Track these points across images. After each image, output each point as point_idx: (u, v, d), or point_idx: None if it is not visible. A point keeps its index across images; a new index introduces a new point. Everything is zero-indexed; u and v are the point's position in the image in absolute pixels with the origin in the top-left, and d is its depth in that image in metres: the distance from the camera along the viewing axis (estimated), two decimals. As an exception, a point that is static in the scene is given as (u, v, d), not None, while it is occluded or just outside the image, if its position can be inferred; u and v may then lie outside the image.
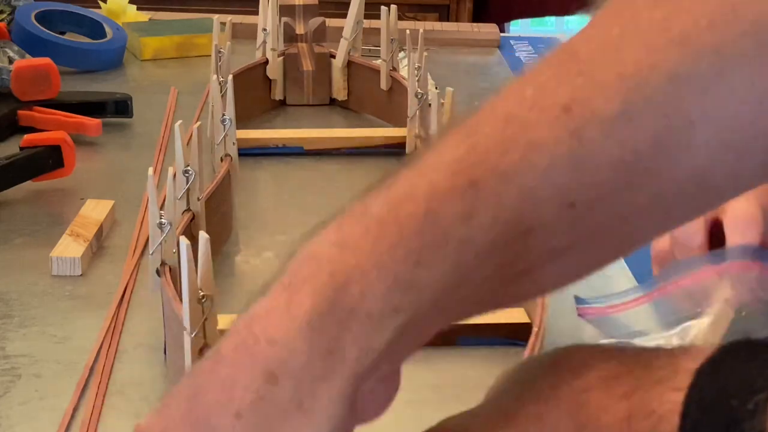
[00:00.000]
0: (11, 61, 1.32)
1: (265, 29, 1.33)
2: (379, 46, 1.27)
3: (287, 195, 1.12)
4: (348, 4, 1.32)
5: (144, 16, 1.69)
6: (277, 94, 1.34)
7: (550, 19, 3.59)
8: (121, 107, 1.28)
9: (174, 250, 0.77)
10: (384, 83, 1.26)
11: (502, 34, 1.71)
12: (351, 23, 1.32)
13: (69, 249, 0.93)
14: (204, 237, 0.67)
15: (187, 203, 0.85)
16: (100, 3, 1.66)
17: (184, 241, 0.67)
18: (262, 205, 1.10)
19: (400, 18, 1.31)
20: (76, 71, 1.45)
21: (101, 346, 0.81)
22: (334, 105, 1.35)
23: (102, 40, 1.50)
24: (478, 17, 2.48)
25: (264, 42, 1.33)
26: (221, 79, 1.06)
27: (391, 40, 1.25)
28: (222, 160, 1.02)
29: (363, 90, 1.32)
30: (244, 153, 1.09)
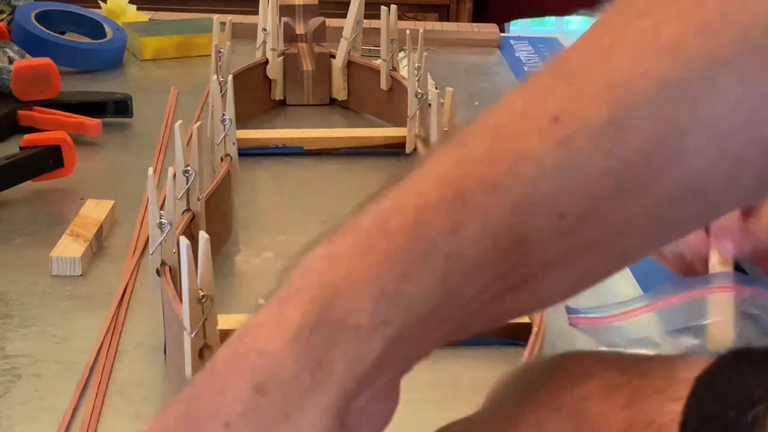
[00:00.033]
0: (11, 61, 1.32)
1: (265, 29, 1.33)
2: (379, 46, 1.27)
3: (287, 195, 1.12)
4: (348, 4, 1.32)
5: (144, 16, 1.69)
6: (277, 94, 1.34)
7: (550, 19, 3.59)
8: (121, 107, 1.28)
9: (174, 250, 0.77)
10: (384, 83, 1.26)
11: (502, 34, 1.71)
12: (351, 23, 1.32)
13: (69, 249, 0.93)
14: (204, 237, 0.67)
15: (187, 203, 0.85)
16: (100, 3, 1.66)
17: (184, 241, 0.67)
18: (262, 205, 1.10)
19: (400, 18, 1.31)
20: (76, 71, 1.45)
21: (101, 346, 0.81)
22: (334, 105, 1.35)
23: (102, 40, 1.50)
24: (478, 17, 2.48)
25: (264, 42, 1.33)
26: (221, 79, 1.06)
27: (391, 40, 1.25)
28: (222, 160, 1.02)
29: (363, 90, 1.32)
30: (244, 153, 1.09)
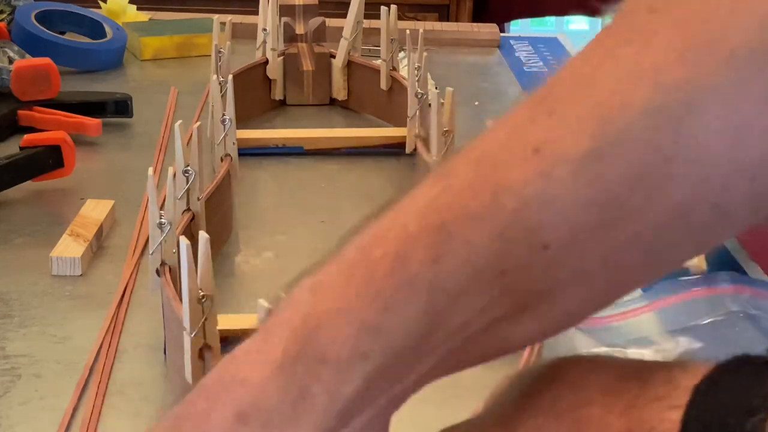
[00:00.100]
0: (11, 61, 1.32)
1: (265, 29, 1.33)
2: (379, 46, 1.27)
3: (287, 195, 1.12)
4: (348, 4, 1.32)
5: (144, 16, 1.69)
6: (277, 94, 1.34)
7: (550, 19, 3.59)
8: (121, 107, 1.28)
9: (174, 250, 0.77)
10: (384, 83, 1.26)
11: (502, 34, 1.71)
12: (351, 23, 1.32)
13: (69, 249, 0.93)
14: (204, 237, 0.67)
15: (187, 203, 0.85)
16: (100, 3, 1.66)
17: (184, 241, 0.67)
18: (262, 205, 1.10)
19: (400, 18, 1.31)
20: (76, 71, 1.45)
21: (101, 346, 0.81)
22: (334, 105, 1.35)
23: (102, 40, 1.50)
24: (478, 17, 2.48)
25: (264, 42, 1.33)
26: (221, 79, 1.06)
27: (391, 40, 1.25)
28: (222, 160, 1.02)
29: (363, 90, 1.32)
30: (244, 153, 1.09)
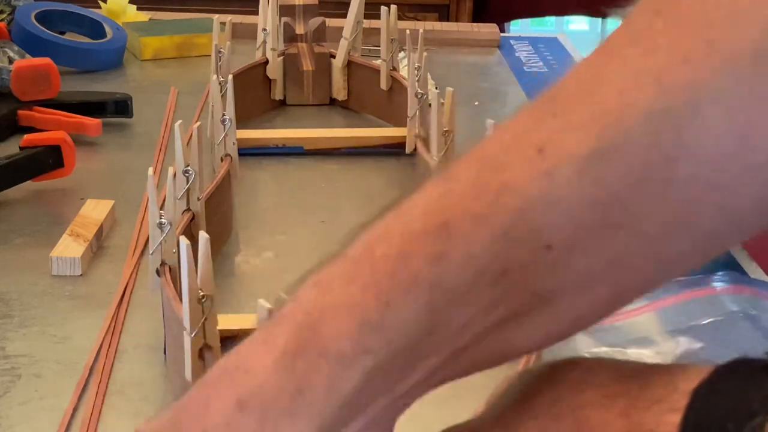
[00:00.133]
0: (11, 61, 1.32)
1: (265, 29, 1.33)
2: (379, 46, 1.27)
3: (287, 195, 1.12)
4: (348, 4, 1.32)
5: (144, 16, 1.69)
6: (277, 94, 1.34)
7: (550, 19, 3.60)
8: (121, 107, 1.28)
9: (174, 250, 0.77)
10: (384, 83, 1.26)
11: (502, 34, 1.71)
12: (351, 23, 1.32)
13: (69, 249, 0.93)
14: (204, 237, 0.67)
15: (187, 203, 0.85)
16: (100, 3, 1.66)
17: (184, 241, 0.67)
18: (262, 205, 1.10)
19: (400, 18, 1.31)
20: (76, 71, 1.45)
21: (101, 346, 0.81)
22: (334, 105, 1.36)
23: (102, 40, 1.50)
24: (478, 17, 2.48)
25: (264, 42, 1.33)
26: (221, 79, 1.06)
27: (391, 40, 1.25)
28: (222, 160, 1.02)
29: (363, 90, 1.32)
30: (244, 153, 1.09)
